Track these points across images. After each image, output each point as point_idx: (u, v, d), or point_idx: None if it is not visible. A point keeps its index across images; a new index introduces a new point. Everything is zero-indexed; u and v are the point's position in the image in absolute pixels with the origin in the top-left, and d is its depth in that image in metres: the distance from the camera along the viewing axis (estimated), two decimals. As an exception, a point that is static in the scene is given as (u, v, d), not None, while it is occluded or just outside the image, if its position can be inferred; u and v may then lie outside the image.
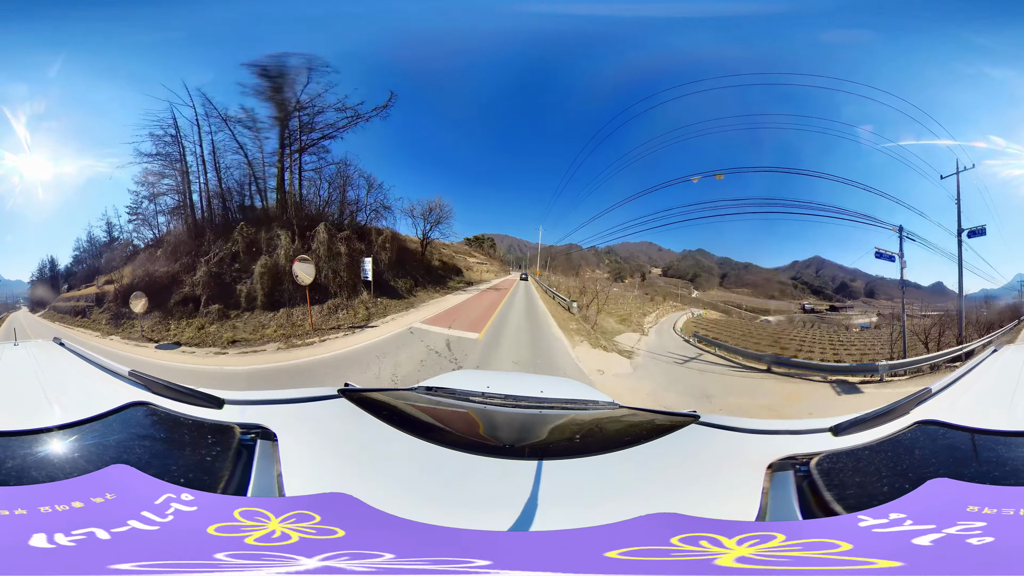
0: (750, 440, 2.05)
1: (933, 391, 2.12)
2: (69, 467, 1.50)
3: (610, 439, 2.26)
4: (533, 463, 1.79)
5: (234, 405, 2.04)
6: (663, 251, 14.17)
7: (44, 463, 1.52)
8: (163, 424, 1.85)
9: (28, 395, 2.03)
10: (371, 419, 2.12)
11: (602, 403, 2.66)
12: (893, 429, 1.87)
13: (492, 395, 2.50)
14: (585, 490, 1.74)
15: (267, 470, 1.68)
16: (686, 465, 1.98)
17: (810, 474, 1.65)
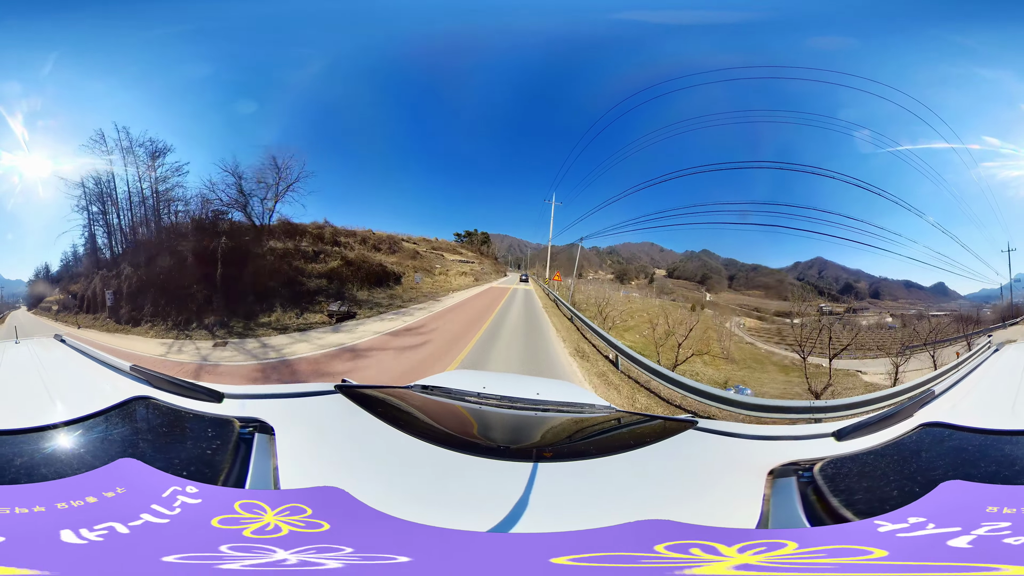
0: (750, 446, 2.03)
1: (936, 393, 2.10)
2: (76, 463, 1.51)
3: (606, 443, 2.25)
4: (526, 465, 1.78)
5: (233, 399, 2.07)
6: (665, 252, 14.15)
7: (52, 460, 1.53)
8: (165, 418, 1.88)
9: (32, 392, 2.05)
10: (367, 415, 2.13)
11: (599, 407, 2.64)
12: (897, 432, 1.84)
13: (488, 395, 2.50)
14: (577, 494, 1.71)
15: (264, 463, 1.70)
16: (683, 471, 1.95)
17: (814, 480, 1.61)
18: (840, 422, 2.00)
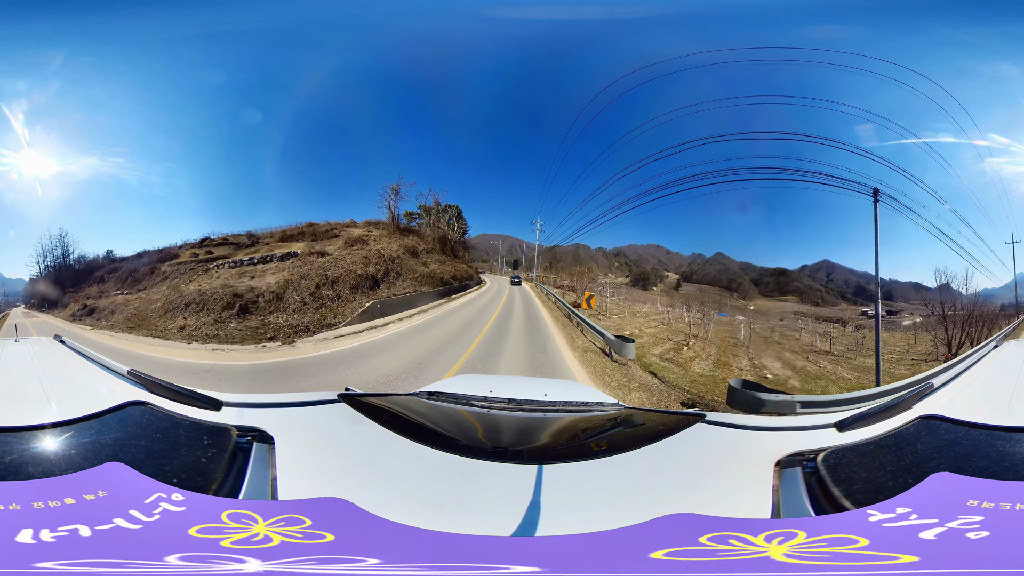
0: (756, 437, 2.08)
1: (935, 386, 2.14)
2: (65, 464, 1.50)
3: (617, 440, 2.26)
4: (543, 466, 1.78)
5: (232, 407, 2.03)
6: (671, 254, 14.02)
7: (41, 459, 1.52)
8: (160, 424, 1.84)
9: (27, 391, 2.03)
10: (372, 424, 2.10)
11: (607, 404, 2.66)
12: (896, 424, 1.88)
13: (495, 399, 2.48)
14: (593, 493, 1.74)
15: (261, 473, 1.67)
16: (695, 465, 1.99)
17: (817, 470, 1.66)
18: (842, 412, 2.04)
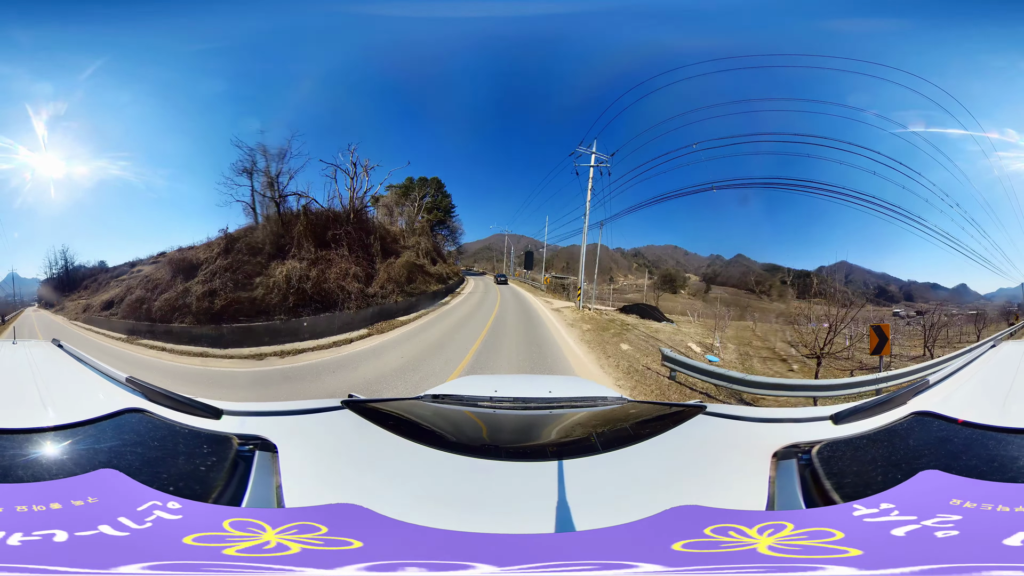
0: (755, 428, 2.12)
1: (931, 382, 2.16)
2: (56, 469, 1.49)
3: (624, 434, 2.27)
4: (552, 463, 1.81)
5: (233, 416, 2.04)
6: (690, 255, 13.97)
7: (33, 464, 1.51)
8: (158, 432, 1.82)
9: (21, 395, 2.02)
10: (378, 430, 2.10)
11: (611, 399, 2.68)
12: (891, 419, 1.90)
13: (500, 399, 2.51)
14: (612, 486, 1.76)
15: (265, 482, 1.66)
16: (698, 456, 2.03)
17: (811, 462, 1.69)
18: (838, 405, 2.07)
